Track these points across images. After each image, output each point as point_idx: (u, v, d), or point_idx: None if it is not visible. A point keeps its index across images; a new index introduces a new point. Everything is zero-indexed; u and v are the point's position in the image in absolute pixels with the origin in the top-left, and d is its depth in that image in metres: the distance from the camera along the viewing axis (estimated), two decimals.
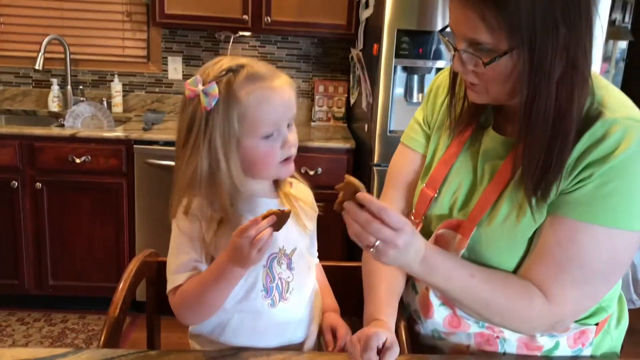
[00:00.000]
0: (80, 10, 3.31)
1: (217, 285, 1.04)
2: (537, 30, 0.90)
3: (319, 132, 3.15)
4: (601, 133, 0.96)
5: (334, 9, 3.00)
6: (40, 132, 2.78)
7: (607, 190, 0.95)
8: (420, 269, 0.99)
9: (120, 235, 2.89)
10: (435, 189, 1.15)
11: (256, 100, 1.04)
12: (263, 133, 1.06)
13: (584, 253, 0.98)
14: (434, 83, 1.27)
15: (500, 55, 0.93)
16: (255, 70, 1.06)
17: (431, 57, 2.48)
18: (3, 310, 2.98)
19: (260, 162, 1.09)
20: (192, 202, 1.10)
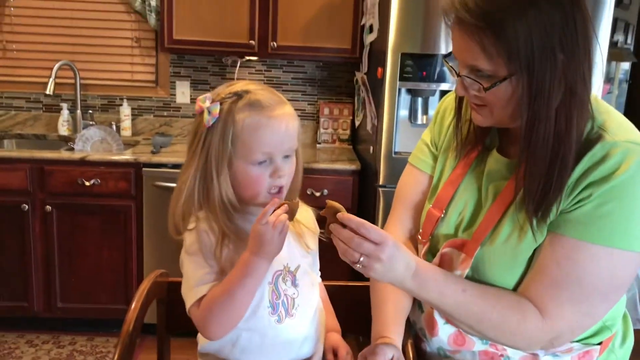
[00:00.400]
0: (91, 36, 3.38)
1: (243, 282, 1.06)
2: (535, 57, 0.93)
3: (325, 154, 3.19)
4: (601, 155, 0.98)
5: (339, 34, 3.06)
6: (50, 155, 2.83)
7: (605, 210, 0.97)
8: (412, 284, 1.02)
9: (128, 257, 2.92)
10: (441, 209, 1.17)
11: (250, 127, 1.08)
12: (254, 159, 1.10)
13: (582, 271, 0.99)
14: (441, 105, 1.30)
15: (500, 81, 0.96)
16: (258, 98, 1.10)
17: (435, 80, 2.52)
18: (12, 333, 3.00)
19: (248, 186, 1.12)
20: (198, 215, 1.14)
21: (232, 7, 3.00)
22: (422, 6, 2.45)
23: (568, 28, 0.93)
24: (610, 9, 2.49)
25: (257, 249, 1.05)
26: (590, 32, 0.97)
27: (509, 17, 0.92)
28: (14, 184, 2.80)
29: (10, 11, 3.33)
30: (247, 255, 1.07)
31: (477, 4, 0.94)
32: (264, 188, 1.12)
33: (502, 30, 0.92)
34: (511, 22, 0.92)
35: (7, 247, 2.88)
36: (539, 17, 0.92)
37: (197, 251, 1.12)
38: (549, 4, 0.93)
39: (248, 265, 1.06)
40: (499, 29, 0.93)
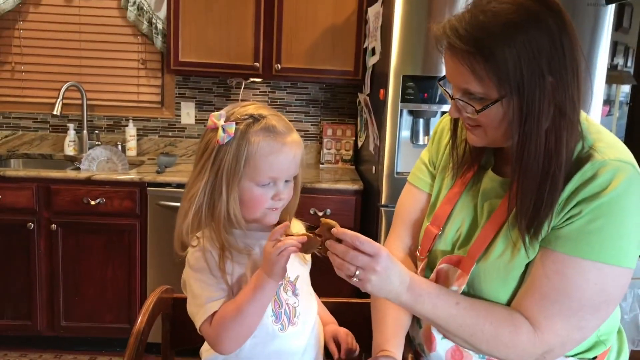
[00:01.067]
0: (98, 58, 3.44)
1: (254, 298, 1.11)
2: (525, 80, 0.97)
3: (328, 174, 3.23)
4: (591, 173, 1.01)
5: (342, 56, 3.11)
6: (56, 175, 2.86)
7: (595, 227, 1.00)
8: (407, 298, 1.04)
9: (132, 276, 2.94)
10: (439, 226, 1.20)
11: (264, 150, 1.14)
12: (260, 181, 1.15)
13: (571, 286, 1.01)
14: (438, 125, 1.34)
15: (491, 103, 1.00)
16: (273, 124, 1.16)
17: (436, 102, 2.56)
18: (15, 351, 3.00)
19: (250, 204, 1.17)
20: (202, 233, 1.18)
21: (237, 30, 3.06)
22: (424, 29, 2.50)
23: (556, 52, 0.97)
24: (609, 32, 2.54)
25: (264, 267, 1.10)
26: (578, 54, 1.00)
27: (497, 42, 0.96)
28: (20, 202, 2.84)
29: (20, 33, 3.40)
30: (259, 273, 1.12)
31: (467, 30, 0.98)
32: (264, 207, 1.18)
33: (492, 55, 0.96)
34: (500, 48, 0.96)
35: (12, 266, 2.90)
36: (527, 43, 0.96)
37: (203, 269, 1.16)
38: (537, 30, 0.96)
39: (258, 282, 1.11)
40: (488, 54, 0.96)
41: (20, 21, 3.38)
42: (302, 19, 3.07)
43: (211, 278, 1.16)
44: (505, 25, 0.97)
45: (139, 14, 3.33)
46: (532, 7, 0.98)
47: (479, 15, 0.99)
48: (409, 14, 2.48)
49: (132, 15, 3.33)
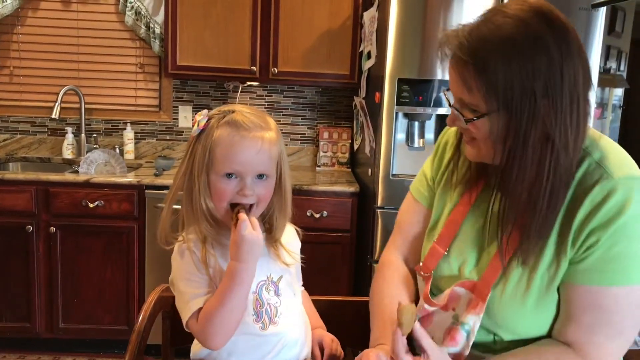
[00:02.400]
0: (96, 62, 3.47)
1: (233, 290, 1.14)
2: (514, 98, 0.96)
3: (324, 176, 3.26)
4: (601, 197, 1.00)
5: (338, 60, 3.14)
6: (55, 178, 2.89)
7: (616, 252, 0.99)
8: None
9: (130, 278, 2.96)
10: (445, 246, 1.19)
11: (224, 142, 1.16)
12: (222, 172, 1.17)
13: (610, 313, 1.01)
14: (442, 138, 1.33)
15: (480, 116, 1.00)
16: (238, 119, 1.18)
17: (431, 105, 2.60)
18: (14, 353, 3.02)
19: (215, 197, 1.19)
20: (187, 229, 1.22)
21: (234, 34, 3.09)
22: (419, 33, 2.53)
23: (553, 76, 0.95)
24: (601, 35, 2.58)
25: (238, 256, 1.13)
26: (582, 83, 0.98)
27: (492, 56, 0.96)
28: (19, 205, 2.86)
29: (18, 38, 3.42)
30: (232, 264, 1.14)
31: (468, 41, 0.99)
32: (227, 200, 1.18)
33: (483, 68, 0.96)
34: (493, 62, 0.95)
35: (11, 268, 2.92)
36: (522, 62, 0.95)
37: (187, 266, 1.19)
38: (534, 50, 0.95)
39: (234, 273, 1.14)
40: (481, 65, 0.97)
41: (18, 25, 3.41)
42: (299, 23, 3.11)
43: (195, 275, 1.19)
44: (504, 40, 0.96)
45: (136, 18, 3.36)
46: (534, 26, 0.96)
47: (482, 27, 0.99)
48: (404, 18, 2.52)
49: (129, 19, 3.36)
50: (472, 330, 1.10)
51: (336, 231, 2.93)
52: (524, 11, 0.98)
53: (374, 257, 2.68)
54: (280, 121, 3.57)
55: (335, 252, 2.94)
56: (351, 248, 2.95)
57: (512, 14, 0.99)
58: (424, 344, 1.03)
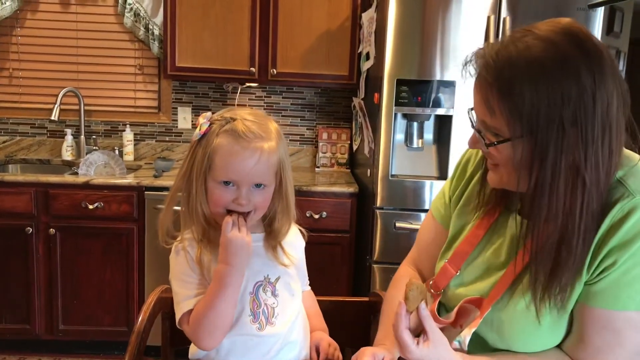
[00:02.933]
0: (95, 64, 3.47)
1: (221, 293, 1.15)
2: (540, 125, 0.90)
3: (323, 177, 3.26)
4: (620, 215, 0.96)
5: (337, 61, 3.15)
6: (55, 179, 2.89)
7: (632, 276, 0.96)
8: None
9: (130, 280, 2.96)
10: (458, 266, 1.17)
11: (223, 151, 1.17)
12: (219, 179, 1.18)
13: (622, 337, 0.99)
14: (463, 156, 1.29)
15: (502, 141, 0.96)
16: (239, 128, 1.18)
17: (430, 105, 2.60)
18: (14, 355, 3.02)
19: (211, 202, 1.20)
20: (183, 235, 1.23)
21: (233, 36, 3.10)
22: (418, 34, 2.54)
23: (584, 104, 0.89)
24: (599, 36, 2.59)
25: (224, 259, 1.15)
26: (616, 109, 0.92)
27: (518, 79, 0.91)
28: (18, 207, 2.86)
29: (17, 40, 3.42)
30: (220, 267, 1.16)
31: (494, 61, 0.94)
32: (222, 207, 1.20)
33: (508, 91, 0.92)
34: (519, 85, 0.91)
35: (11, 270, 2.92)
36: (550, 87, 0.89)
37: (182, 267, 1.22)
38: (564, 76, 0.90)
39: (221, 275, 1.15)
40: (505, 88, 0.92)
41: (17, 27, 3.41)
42: (297, 24, 3.11)
43: (188, 275, 1.21)
44: (531, 63, 0.91)
45: (135, 20, 3.36)
46: (565, 50, 0.91)
47: (510, 47, 0.94)
48: (402, 19, 2.52)
49: (128, 21, 3.36)
50: (463, 342, 1.10)
51: (335, 232, 2.94)
52: (555, 32, 0.93)
53: (373, 257, 2.69)
54: (279, 122, 3.51)
55: (334, 253, 2.94)
56: (350, 248, 2.96)
57: (543, 35, 0.93)
58: (426, 326, 1.03)
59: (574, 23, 0.97)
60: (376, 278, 2.70)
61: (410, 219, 2.64)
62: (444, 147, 2.68)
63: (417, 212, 2.65)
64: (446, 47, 2.54)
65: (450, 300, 1.19)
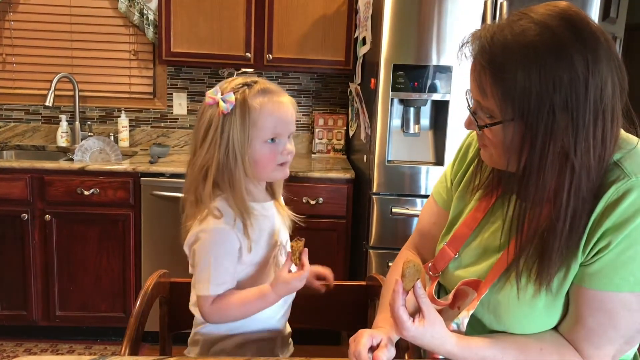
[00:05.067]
0: (89, 49, 3.45)
1: (259, 306, 1.28)
2: (531, 109, 0.91)
3: (320, 163, 3.26)
4: (615, 198, 0.96)
5: (333, 46, 3.13)
6: (50, 165, 2.88)
7: (627, 257, 0.96)
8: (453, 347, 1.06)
9: (127, 266, 2.96)
10: (456, 249, 1.18)
11: (266, 110, 1.24)
12: (268, 137, 1.25)
13: (616, 318, 1.00)
14: (465, 141, 1.29)
15: (493, 123, 0.97)
16: (267, 86, 1.27)
17: (426, 91, 2.60)
18: (11, 341, 3.03)
19: (263, 162, 1.26)
20: (216, 203, 1.26)
21: (229, 20, 3.08)
22: (414, 19, 2.53)
23: (576, 90, 0.90)
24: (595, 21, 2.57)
25: (278, 290, 1.25)
26: (611, 96, 0.93)
27: (511, 64, 0.92)
28: (14, 193, 2.85)
29: (10, 25, 3.39)
30: (269, 291, 1.26)
31: (490, 45, 0.95)
32: (275, 162, 1.28)
33: (501, 74, 0.93)
34: (512, 69, 0.92)
35: (7, 257, 2.92)
36: (542, 72, 0.90)
37: (226, 251, 1.25)
38: (557, 61, 0.90)
39: (267, 298, 1.26)
40: (498, 71, 0.93)
41: (10, 12, 3.38)
42: (293, 9, 3.09)
43: (229, 263, 1.25)
44: (525, 47, 0.92)
45: (130, 5, 3.33)
46: (560, 35, 0.91)
47: (506, 30, 0.94)
48: (399, 3, 2.51)
49: (123, 6, 3.33)
50: (461, 324, 1.11)
51: (332, 217, 2.94)
52: (551, 16, 0.93)
53: (369, 243, 2.69)
54: None
55: (331, 238, 2.94)
56: (347, 234, 2.96)
57: (538, 19, 0.93)
58: (422, 305, 1.04)
59: (571, 7, 0.96)
60: (372, 264, 2.71)
61: (407, 204, 2.64)
62: (441, 132, 2.68)
63: (413, 198, 2.65)
64: (443, 32, 2.53)
65: (449, 283, 1.19)
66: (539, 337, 1.08)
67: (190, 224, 1.28)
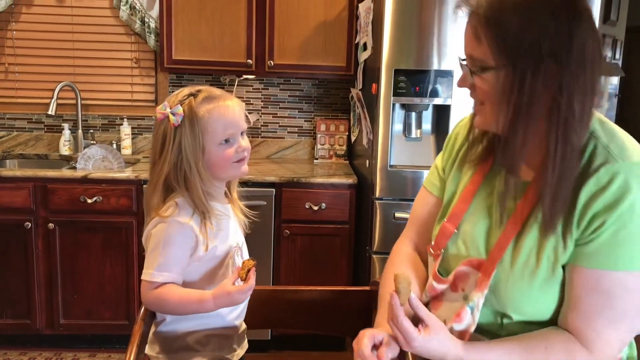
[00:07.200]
0: (91, 58, 3.46)
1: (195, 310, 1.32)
2: (521, 55, 0.98)
3: (322, 169, 3.26)
4: (606, 180, 1.01)
5: (334, 52, 3.14)
6: (53, 174, 2.88)
7: (622, 237, 1.00)
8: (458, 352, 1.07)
9: (130, 273, 2.96)
10: (455, 224, 1.20)
11: (214, 115, 1.32)
12: (220, 139, 1.33)
13: (612, 298, 1.02)
14: (453, 131, 1.35)
15: (486, 69, 1.02)
16: (211, 93, 1.34)
17: (428, 95, 2.60)
18: (15, 350, 3.02)
19: (219, 163, 1.34)
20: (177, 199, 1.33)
21: (230, 27, 3.09)
22: (415, 23, 2.53)
23: (561, 40, 0.97)
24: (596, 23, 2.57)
25: (219, 301, 1.28)
26: (591, 55, 0.99)
27: (505, 11, 0.99)
28: (17, 202, 2.86)
29: (13, 34, 3.41)
30: (210, 299, 1.28)
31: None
32: (231, 160, 1.35)
33: (495, 20, 1.00)
34: (506, 17, 0.98)
35: (11, 265, 2.92)
36: (533, 20, 0.97)
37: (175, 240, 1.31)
38: (546, 12, 0.97)
39: (206, 305, 1.29)
40: (492, 17, 1.00)
41: (12, 22, 3.39)
42: (294, 15, 3.10)
43: (179, 255, 1.31)
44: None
45: (131, 13, 3.35)
46: None
47: None
48: (399, 9, 2.51)
49: (124, 14, 3.35)
50: (476, 307, 1.12)
51: (335, 223, 2.94)
52: None
53: (372, 248, 2.69)
54: (277, 114, 3.57)
55: (334, 244, 2.94)
56: (350, 239, 2.96)
57: None
58: (421, 313, 1.07)
59: None
60: (376, 269, 2.70)
61: (410, 209, 2.63)
62: (442, 137, 2.67)
63: None
64: (443, 37, 2.54)
65: (450, 261, 1.21)
66: (543, 336, 1.08)
67: None
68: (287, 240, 2.93)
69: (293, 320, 1.56)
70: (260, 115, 3.56)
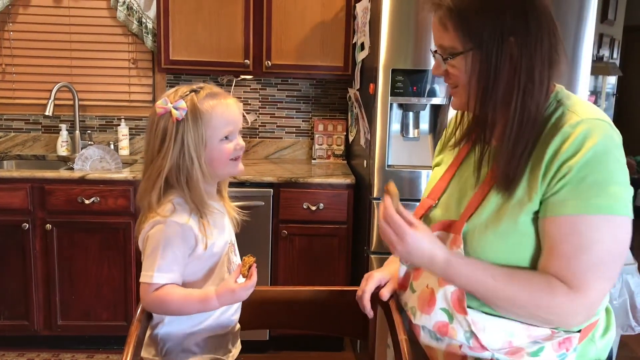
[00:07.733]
0: (89, 58, 3.46)
1: (198, 307, 1.31)
2: (484, 36, 1.08)
3: (320, 169, 3.26)
4: (569, 133, 1.07)
5: (331, 52, 3.14)
6: (50, 175, 2.88)
7: (590, 182, 1.04)
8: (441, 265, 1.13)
9: (127, 274, 2.96)
10: (434, 199, 1.29)
11: (217, 111, 1.33)
12: (222, 136, 1.34)
13: (590, 241, 1.05)
14: (445, 131, 1.43)
15: (455, 54, 1.12)
16: (213, 90, 1.36)
17: (425, 95, 2.60)
18: (13, 351, 3.02)
19: (219, 160, 1.35)
20: (172, 198, 1.32)
21: (227, 28, 3.09)
22: (412, 23, 2.53)
23: (518, 16, 1.07)
24: (593, 22, 2.57)
25: (222, 299, 1.28)
26: (546, 22, 1.09)
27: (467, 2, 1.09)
28: (15, 203, 2.85)
29: (10, 35, 3.40)
30: (213, 297, 1.28)
31: None
32: (230, 157, 1.36)
33: (458, 9, 1.09)
34: (467, 4, 1.09)
35: (8, 266, 2.92)
36: (491, 4, 1.08)
37: (177, 244, 1.30)
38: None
39: (209, 304, 1.29)
40: (455, 8, 1.10)
41: (9, 23, 3.39)
42: (291, 15, 3.10)
43: (179, 255, 1.30)
44: None
45: (128, 13, 3.35)
46: None
47: None
48: (396, 9, 2.51)
49: (121, 15, 3.34)
50: None
51: (332, 223, 2.94)
52: None
53: (370, 248, 2.69)
54: (275, 114, 3.57)
55: (332, 244, 2.94)
56: (348, 239, 2.96)
57: None
58: (411, 218, 1.14)
59: None
60: (374, 269, 2.70)
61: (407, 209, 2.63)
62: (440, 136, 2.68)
63: (414, 202, 2.62)
64: None
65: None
66: (526, 270, 1.13)
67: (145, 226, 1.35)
68: (285, 241, 2.93)
69: (291, 321, 1.56)
70: (258, 116, 3.56)
